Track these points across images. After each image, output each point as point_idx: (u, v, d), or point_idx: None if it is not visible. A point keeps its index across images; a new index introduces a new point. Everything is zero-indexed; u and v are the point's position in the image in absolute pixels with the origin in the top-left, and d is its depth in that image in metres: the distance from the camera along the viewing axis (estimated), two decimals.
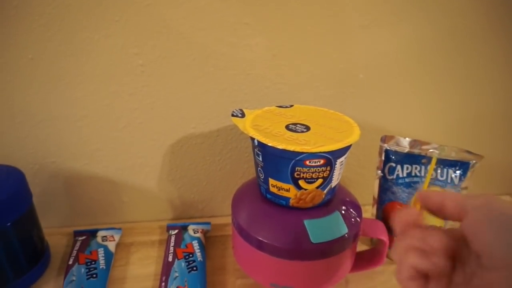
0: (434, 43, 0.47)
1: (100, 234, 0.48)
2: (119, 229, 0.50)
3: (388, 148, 0.43)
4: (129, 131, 0.46)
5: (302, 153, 0.33)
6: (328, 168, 0.34)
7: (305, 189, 0.36)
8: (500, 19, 0.47)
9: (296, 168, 0.34)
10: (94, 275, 0.41)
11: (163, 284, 0.41)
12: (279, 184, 0.36)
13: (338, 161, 0.35)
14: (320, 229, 0.36)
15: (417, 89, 0.50)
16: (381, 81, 0.48)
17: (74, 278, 0.41)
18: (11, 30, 0.39)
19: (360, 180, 0.54)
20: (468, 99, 0.51)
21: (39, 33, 0.39)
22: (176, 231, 0.48)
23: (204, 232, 0.49)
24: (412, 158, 0.42)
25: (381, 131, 0.51)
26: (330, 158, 0.34)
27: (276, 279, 0.39)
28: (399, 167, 0.43)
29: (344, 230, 0.37)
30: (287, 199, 0.37)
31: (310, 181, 0.35)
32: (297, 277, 0.38)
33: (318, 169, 0.34)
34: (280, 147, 0.33)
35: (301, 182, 0.35)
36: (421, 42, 0.46)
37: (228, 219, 0.53)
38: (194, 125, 0.47)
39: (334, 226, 0.37)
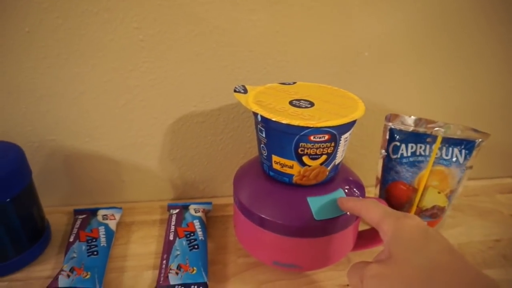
0: (440, 20, 0.46)
1: (101, 213, 0.47)
2: (120, 208, 0.49)
3: (392, 126, 0.43)
4: (129, 108, 0.46)
5: (307, 128, 0.32)
6: (333, 144, 0.34)
7: (309, 166, 0.35)
8: None
9: (300, 144, 0.33)
10: (95, 252, 0.41)
11: (164, 261, 0.41)
12: (283, 160, 0.35)
13: (343, 137, 0.34)
14: (323, 207, 0.36)
15: (422, 67, 0.49)
16: (386, 59, 0.47)
17: (75, 255, 0.40)
18: (6, 2, 0.38)
19: (363, 162, 0.54)
20: (475, 77, 0.51)
21: (35, 5, 0.38)
22: (177, 210, 0.48)
23: (206, 212, 0.49)
24: (416, 137, 0.42)
25: (385, 111, 0.50)
26: (335, 134, 0.33)
27: (278, 257, 0.38)
28: (403, 146, 0.42)
29: None
30: (290, 176, 0.36)
31: (314, 157, 0.34)
32: (300, 255, 0.38)
33: (323, 145, 0.34)
34: (284, 122, 0.32)
35: (305, 159, 0.34)
36: (427, 19, 0.45)
37: (230, 200, 0.53)
38: (196, 103, 0.46)
39: (337, 203, 0.37)
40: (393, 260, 0.26)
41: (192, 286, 0.38)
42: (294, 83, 0.41)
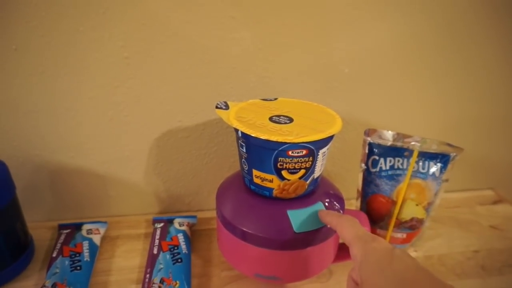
0: (416, 38, 0.48)
1: (85, 227, 0.48)
2: (105, 222, 0.49)
3: (371, 141, 0.44)
4: (115, 124, 0.46)
5: (285, 143, 0.33)
6: (311, 158, 0.35)
7: (288, 180, 0.36)
8: (482, 13, 0.48)
9: (279, 158, 0.34)
10: (78, 267, 0.41)
11: (147, 275, 0.41)
12: (263, 175, 0.36)
13: (321, 151, 0.35)
14: (303, 219, 0.37)
15: (401, 83, 0.50)
16: (366, 75, 0.49)
17: (57, 270, 0.40)
18: None
19: (345, 174, 0.55)
20: (451, 93, 0.52)
21: (23, 24, 0.39)
22: (162, 224, 0.49)
23: (190, 226, 0.49)
24: (394, 151, 0.43)
25: (366, 125, 0.51)
26: (313, 149, 0.34)
27: (260, 270, 0.39)
28: (382, 160, 0.44)
29: None
30: (270, 189, 0.37)
31: (293, 171, 0.35)
32: (281, 267, 0.38)
33: (301, 160, 0.35)
34: (263, 137, 0.33)
35: (284, 173, 0.35)
36: (404, 37, 0.47)
37: (214, 213, 0.54)
38: (180, 118, 0.47)
39: (316, 216, 0.37)
40: (364, 285, 0.27)
41: None
42: (276, 99, 0.42)
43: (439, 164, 0.42)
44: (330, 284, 0.42)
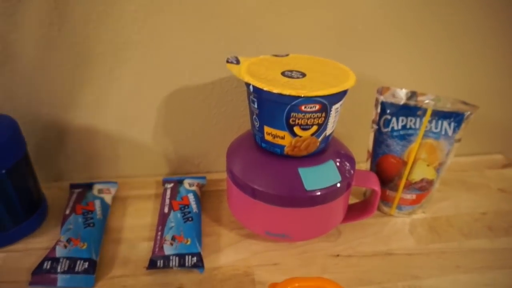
0: None
1: (96, 187, 0.48)
2: (115, 182, 0.50)
3: (384, 100, 0.43)
4: (122, 82, 0.46)
5: (298, 97, 0.32)
6: (323, 114, 0.34)
7: (300, 136, 0.36)
8: None
9: (292, 113, 0.34)
10: (91, 224, 0.42)
11: (159, 233, 0.42)
12: (274, 131, 0.36)
13: (334, 107, 0.35)
14: (314, 177, 0.37)
15: (415, 41, 0.49)
16: (380, 33, 0.47)
17: (71, 227, 0.41)
18: None
19: (355, 136, 0.54)
20: (466, 53, 0.51)
21: None
22: (172, 184, 0.49)
23: (200, 186, 0.50)
24: (407, 110, 0.42)
25: (378, 84, 0.50)
26: (326, 104, 0.34)
27: (270, 227, 0.39)
28: (394, 119, 0.43)
29: (338, 178, 0.38)
30: (282, 147, 0.37)
31: (305, 127, 0.35)
32: (291, 225, 0.39)
33: (314, 115, 0.34)
34: (275, 91, 0.32)
35: (296, 129, 0.35)
36: None
37: (224, 175, 0.53)
38: (189, 76, 0.47)
39: (327, 174, 0.37)
40: None
41: (187, 256, 0.39)
42: (287, 55, 0.41)
43: (452, 123, 0.41)
44: (338, 243, 0.43)
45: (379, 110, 0.43)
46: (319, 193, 0.36)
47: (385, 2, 0.45)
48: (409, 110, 0.42)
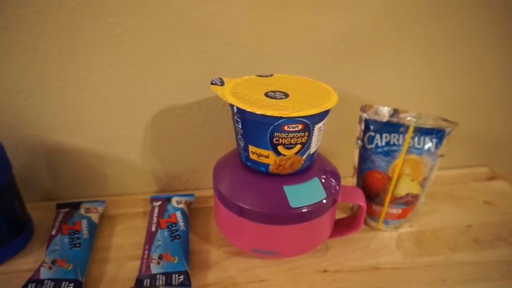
0: (414, 11, 0.47)
1: (84, 206, 0.48)
2: (103, 201, 0.50)
3: (367, 117, 0.44)
4: (110, 102, 0.46)
5: (281, 118, 0.33)
6: (306, 133, 0.35)
7: (284, 155, 0.36)
8: None
9: (275, 133, 0.34)
10: (78, 245, 0.42)
11: (146, 252, 0.42)
12: (259, 150, 0.36)
13: (316, 126, 0.35)
14: (299, 195, 0.37)
15: (397, 59, 0.50)
16: (362, 51, 0.48)
17: (57, 248, 0.41)
18: None
19: (342, 152, 0.55)
20: (448, 69, 0.52)
21: (10, 0, 0.38)
22: (160, 202, 0.49)
23: (188, 204, 0.50)
24: (390, 127, 0.43)
25: (361, 102, 0.51)
26: (308, 124, 0.34)
27: (257, 245, 0.40)
28: (378, 136, 0.44)
29: (323, 195, 0.38)
30: (266, 165, 0.37)
31: (288, 146, 0.35)
32: (278, 242, 0.39)
33: (297, 135, 0.35)
34: (258, 112, 0.33)
35: (280, 148, 0.36)
36: (401, 11, 0.47)
37: (212, 191, 0.54)
38: (176, 96, 0.47)
39: (313, 191, 0.38)
40: None
41: (174, 275, 0.39)
42: (271, 75, 0.42)
43: (434, 139, 0.42)
44: (326, 259, 0.43)
45: (363, 127, 0.44)
46: (305, 210, 0.37)
47: (366, 23, 0.46)
48: (392, 127, 0.43)
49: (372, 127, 0.44)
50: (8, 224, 0.41)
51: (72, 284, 0.37)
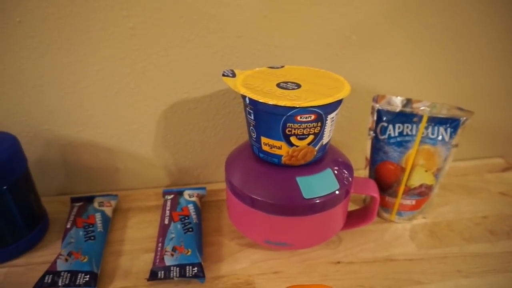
0: (423, 2, 0.46)
1: (97, 200, 0.48)
2: (116, 195, 0.50)
3: (380, 107, 0.43)
4: (121, 96, 0.46)
5: (293, 108, 0.33)
6: (319, 123, 0.35)
7: (297, 146, 0.36)
8: None
9: (288, 124, 0.34)
10: (92, 237, 0.42)
11: (159, 244, 0.42)
12: (271, 141, 0.36)
13: (329, 116, 0.35)
14: (312, 186, 0.37)
15: (408, 49, 0.49)
16: (374, 42, 0.48)
17: (72, 240, 0.42)
18: None
19: (353, 144, 0.55)
20: (462, 58, 0.51)
21: None
22: (172, 196, 0.49)
23: (200, 197, 0.50)
24: (403, 117, 0.43)
25: (374, 93, 0.51)
26: (321, 113, 0.34)
27: (270, 236, 0.40)
28: (390, 126, 0.43)
29: (336, 186, 0.38)
30: (279, 157, 0.37)
31: (301, 137, 0.35)
32: (291, 233, 0.39)
33: (309, 125, 0.34)
34: (271, 102, 0.33)
35: (292, 139, 0.35)
36: (412, 1, 0.46)
37: (224, 185, 0.54)
38: (187, 89, 0.47)
39: (325, 182, 0.38)
40: None
41: (187, 267, 0.39)
42: (282, 66, 0.42)
43: (449, 129, 0.42)
44: (339, 251, 0.43)
45: (375, 117, 0.44)
46: (317, 201, 0.37)
47: (377, 12, 0.46)
48: (405, 117, 0.42)
49: (384, 118, 0.43)
50: (25, 217, 0.42)
51: (88, 276, 0.38)
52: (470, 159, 0.61)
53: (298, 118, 0.34)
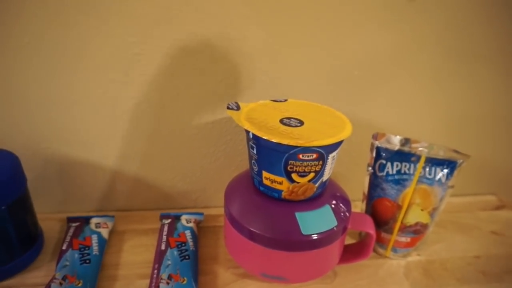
0: (428, 42, 0.48)
1: (94, 221, 0.48)
2: (112, 216, 0.50)
3: (379, 145, 0.44)
4: (124, 119, 0.47)
5: (296, 147, 0.34)
6: (321, 162, 0.35)
7: (298, 182, 0.37)
8: (495, 19, 0.48)
9: (290, 161, 0.35)
10: (88, 261, 0.42)
11: (155, 271, 0.42)
12: (273, 177, 0.37)
13: (330, 155, 0.36)
14: (310, 222, 0.37)
15: (410, 87, 0.51)
16: (376, 78, 0.49)
17: (67, 263, 0.41)
18: (6, 14, 0.39)
19: (351, 176, 0.56)
20: (455, 97, 0.53)
21: (34, 17, 0.40)
22: (169, 220, 0.49)
23: (197, 222, 0.50)
24: (402, 156, 0.44)
25: (374, 128, 0.52)
26: (323, 153, 0.35)
27: (266, 269, 0.40)
28: (389, 164, 0.44)
29: (334, 223, 0.38)
30: (279, 191, 0.38)
31: (302, 174, 0.36)
32: (287, 268, 0.39)
33: (311, 163, 0.35)
34: (274, 140, 0.34)
35: (294, 175, 0.36)
36: (415, 41, 0.47)
37: (221, 210, 0.54)
38: (190, 115, 0.48)
39: (324, 218, 0.38)
40: None
41: None
42: (286, 100, 0.43)
43: (445, 170, 0.43)
44: (334, 285, 0.43)
45: (374, 154, 0.45)
46: (315, 237, 0.37)
47: (381, 50, 0.47)
48: (404, 155, 0.43)
49: (383, 155, 0.44)
50: (20, 237, 0.41)
51: None
52: (463, 195, 0.62)
53: (300, 156, 0.34)
